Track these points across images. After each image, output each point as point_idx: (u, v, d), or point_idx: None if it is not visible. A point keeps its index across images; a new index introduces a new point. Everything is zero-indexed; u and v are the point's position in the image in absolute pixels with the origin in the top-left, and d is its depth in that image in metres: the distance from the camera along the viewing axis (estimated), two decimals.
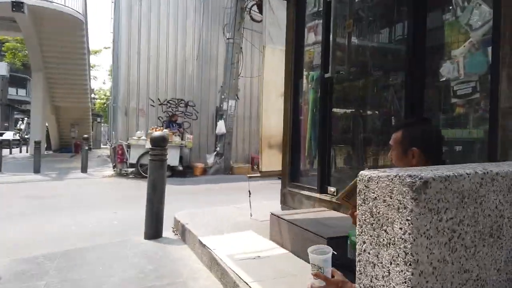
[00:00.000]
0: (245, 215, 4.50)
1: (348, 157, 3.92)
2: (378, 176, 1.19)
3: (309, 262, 1.55)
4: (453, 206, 1.14)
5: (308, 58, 4.40)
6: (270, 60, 4.64)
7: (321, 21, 4.04)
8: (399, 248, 1.11)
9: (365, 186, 1.24)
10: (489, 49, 2.26)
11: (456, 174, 1.15)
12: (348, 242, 2.54)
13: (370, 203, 1.22)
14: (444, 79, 2.57)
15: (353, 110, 3.92)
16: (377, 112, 3.82)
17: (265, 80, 4.58)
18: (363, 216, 1.25)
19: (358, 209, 1.28)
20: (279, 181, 4.53)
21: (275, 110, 4.57)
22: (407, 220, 1.09)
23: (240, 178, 10.00)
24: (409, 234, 1.08)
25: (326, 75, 3.69)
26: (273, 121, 4.63)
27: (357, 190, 1.28)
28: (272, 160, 4.57)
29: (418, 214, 1.07)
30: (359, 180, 1.28)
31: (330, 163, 3.86)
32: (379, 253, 1.18)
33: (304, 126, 4.33)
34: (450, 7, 2.55)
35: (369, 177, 1.22)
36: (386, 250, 1.15)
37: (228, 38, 11.79)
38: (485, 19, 2.28)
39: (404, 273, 1.10)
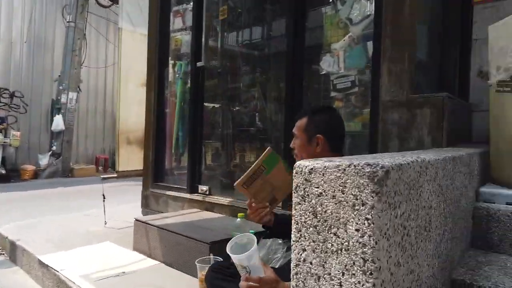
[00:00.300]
0: (98, 224, 3.82)
1: (219, 154, 3.70)
2: (324, 167, 0.96)
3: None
4: (404, 199, 0.99)
5: (175, 46, 4.01)
6: (129, 45, 4.08)
7: (189, 5, 3.72)
8: (355, 254, 0.89)
9: (306, 180, 0.99)
10: (369, 43, 2.33)
11: (406, 162, 1.00)
12: None
13: (313, 201, 0.98)
14: (324, 72, 2.58)
15: (225, 104, 3.71)
16: (246, 107, 3.71)
17: (123, 67, 3.99)
18: (302, 218, 1.00)
19: (294, 209, 1.02)
20: (140, 182, 4.00)
21: (135, 102, 4.03)
22: (367, 219, 0.88)
23: (84, 181, 8.83)
24: (370, 236, 0.87)
25: (199, 64, 3.39)
26: (132, 113, 4.07)
27: (293, 185, 1.03)
28: (131, 158, 4.02)
29: (380, 211, 0.88)
30: (296, 173, 1.02)
31: (201, 160, 3.56)
32: (326, 262, 0.95)
33: (170, 120, 3.93)
34: (331, 1, 2.57)
35: (311, 168, 0.98)
36: (337, 258, 0.93)
37: (68, 21, 10.31)
38: (365, 13, 2.35)
39: (363, 284, 0.89)
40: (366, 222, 0.88)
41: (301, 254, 1.00)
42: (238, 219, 2.31)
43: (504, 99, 1.77)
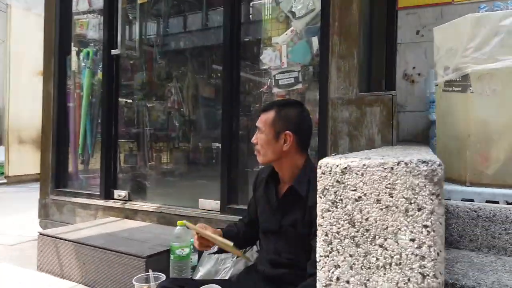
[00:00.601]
0: None
1: (136, 155, 3.30)
2: (364, 165, 0.81)
3: None
4: (442, 200, 0.89)
5: (80, 30, 3.47)
6: (21, 26, 3.40)
7: None
8: (411, 268, 0.76)
9: (337, 182, 0.83)
10: (313, 39, 2.26)
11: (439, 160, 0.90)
12: (172, 258, 2.02)
13: (349, 207, 0.82)
14: (265, 67, 2.43)
15: (143, 99, 3.33)
16: (162, 104, 3.39)
17: (13, 52, 3.31)
18: (334, 227, 0.83)
19: (322, 217, 0.85)
20: (36, 188, 3.35)
21: (29, 94, 3.36)
22: (425, 226, 0.76)
23: None
24: (430, 246, 0.75)
25: (114, 52, 2.96)
26: (25, 107, 3.40)
27: (319, 188, 0.86)
28: (25, 161, 3.35)
29: (441, 216, 0.76)
30: (322, 173, 0.85)
31: (117, 162, 3.12)
32: (369, 280, 0.80)
33: (75, 115, 3.37)
34: None
35: (345, 167, 0.82)
36: (384, 274, 0.78)
37: None
38: (309, 7, 2.27)
39: None
40: (424, 230, 0.75)
41: (333, 272, 0.83)
42: (178, 227, 2.04)
43: (452, 98, 1.84)
